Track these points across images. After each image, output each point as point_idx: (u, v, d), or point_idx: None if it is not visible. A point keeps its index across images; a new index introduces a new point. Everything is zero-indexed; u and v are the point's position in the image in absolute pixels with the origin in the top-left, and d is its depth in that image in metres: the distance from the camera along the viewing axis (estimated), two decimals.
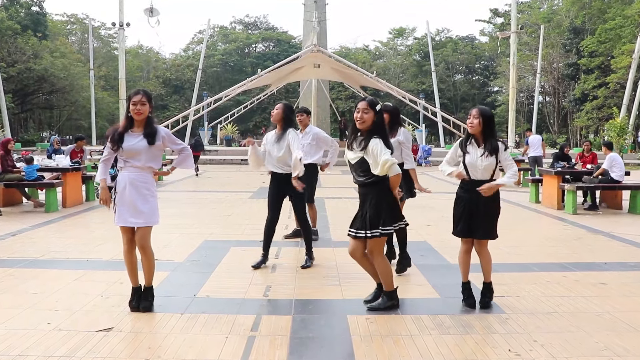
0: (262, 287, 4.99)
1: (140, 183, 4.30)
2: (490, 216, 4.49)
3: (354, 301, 4.58)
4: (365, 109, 4.23)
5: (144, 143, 4.24)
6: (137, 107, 4.19)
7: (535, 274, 5.57)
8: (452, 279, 5.39)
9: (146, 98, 4.23)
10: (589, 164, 11.40)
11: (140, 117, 4.23)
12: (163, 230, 7.94)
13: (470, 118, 4.44)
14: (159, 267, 5.55)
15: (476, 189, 4.39)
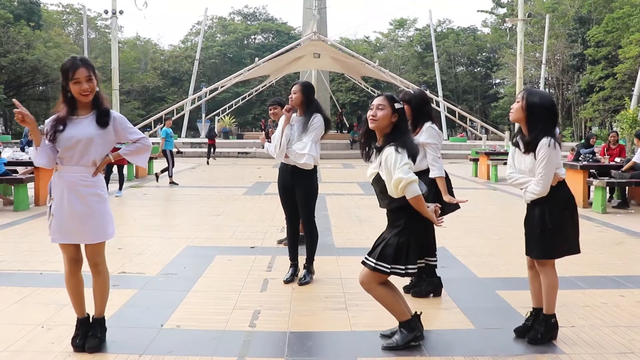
0: (248, 312, 3.97)
1: (86, 186, 3.25)
2: (542, 233, 3.44)
3: (365, 335, 3.56)
4: (381, 105, 3.21)
5: (92, 127, 3.21)
6: (83, 86, 3.14)
7: (584, 292, 4.55)
8: (485, 300, 4.39)
9: (92, 71, 3.18)
10: (617, 157, 10.38)
11: (88, 98, 3.19)
12: (140, 234, 6.99)
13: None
14: (124, 284, 4.58)
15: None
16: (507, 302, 4.29)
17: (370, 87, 43.35)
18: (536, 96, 3.40)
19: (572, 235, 3.50)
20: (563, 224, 3.42)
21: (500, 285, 4.76)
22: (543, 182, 3.33)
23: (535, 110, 3.36)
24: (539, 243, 3.46)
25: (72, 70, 3.12)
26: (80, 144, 3.18)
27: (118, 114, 3.36)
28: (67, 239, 3.30)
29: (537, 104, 3.37)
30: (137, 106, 56.88)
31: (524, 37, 42.51)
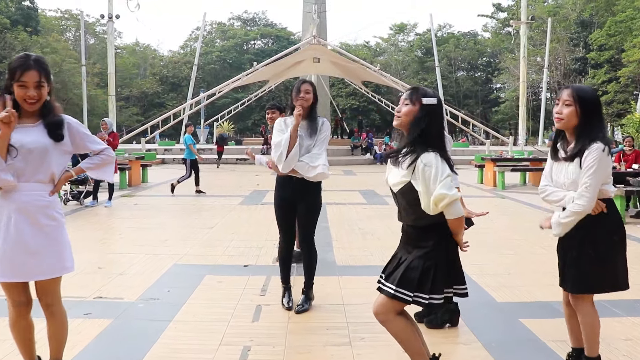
0: (237, 348, 3.42)
1: (38, 208, 2.65)
2: (581, 261, 2.88)
3: None
4: (406, 100, 2.67)
5: (45, 139, 2.66)
6: (31, 92, 2.56)
7: (622, 321, 4.00)
8: (508, 331, 3.84)
9: (45, 76, 2.60)
10: (634, 164, 9.84)
11: (33, 107, 2.62)
12: (125, 250, 6.45)
13: (558, 104, 2.87)
14: (98, 312, 4.04)
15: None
16: (534, 334, 3.74)
17: (371, 92, 42.89)
18: (587, 93, 2.85)
19: (621, 266, 2.93)
20: (609, 252, 2.85)
21: (523, 311, 4.21)
22: (589, 194, 2.72)
23: (590, 111, 2.81)
24: (576, 273, 2.90)
25: (20, 70, 2.54)
26: (31, 155, 2.62)
27: (73, 119, 2.79)
28: (15, 276, 2.62)
29: (592, 103, 2.82)
30: (136, 112, 56.55)
31: (526, 41, 42.15)
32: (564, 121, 2.84)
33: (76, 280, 5.01)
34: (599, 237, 2.83)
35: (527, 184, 15.08)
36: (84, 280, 4.98)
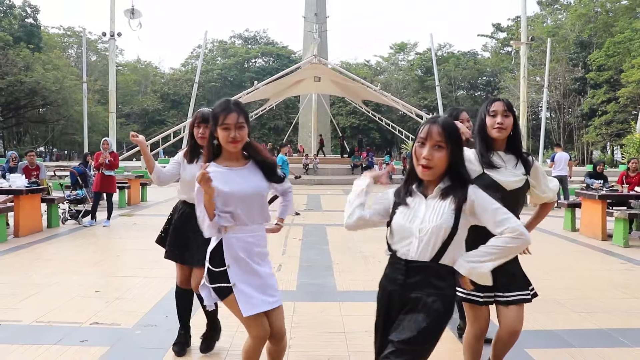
0: None
1: (260, 247, 2.81)
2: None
3: None
4: (506, 112, 2.95)
5: (259, 181, 2.81)
6: (232, 134, 2.66)
7: (630, 351, 3.89)
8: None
9: (244, 117, 2.69)
10: (637, 186, 9.78)
11: (237, 147, 2.71)
12: (123, 272, 6.37)
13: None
14: (94, 339, 3.95)
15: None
16: None
17: (372, 111, 43.00)
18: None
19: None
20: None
21: (529, 340, 4.11)
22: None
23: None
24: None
25: (224, 114, 2.63)
26: (248, 199, 2.69)
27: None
28: (258, 307, 2.65)
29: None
30: (137, 129, 56.65)
31: (526, 60, 42.35)
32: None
33: (73, 303, 4.93)
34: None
35: (528, 205, 14.97)
36: (81, 305, 4.89)
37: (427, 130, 2.16)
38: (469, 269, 2.12)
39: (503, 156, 2.92)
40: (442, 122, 2.17)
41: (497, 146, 2.94)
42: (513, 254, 2.20)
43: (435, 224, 2.10)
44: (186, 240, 3.69)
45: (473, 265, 2.12)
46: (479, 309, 2.92)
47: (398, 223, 2.20)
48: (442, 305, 2.11)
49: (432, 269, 2.11)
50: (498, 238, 2.13)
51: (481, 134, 2.99)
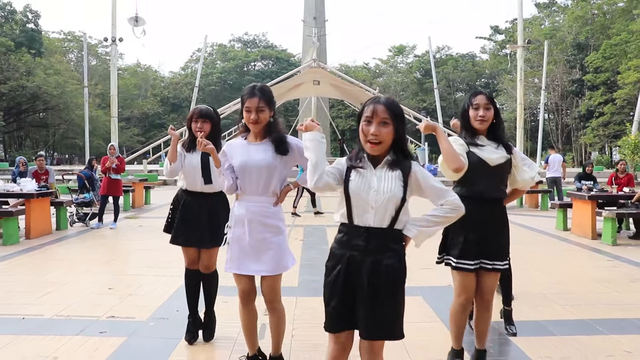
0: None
1: (267, 217, 3.22)
2: None
3: None
4: (488, 105, 3.38)
5: (270, 155, 3.18)
6: (253, 115, 3.12)
7: (607, 338, 4.22)
8: (497, 348, 4.07)
9: (265, 101, 3.13)
10: (625, 187, 10.11)
11: (256, 127, 3.18)
12: (133, 271, 6.70)
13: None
14: (112, 331, 4.28)
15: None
16: (522, 351, 3.97)
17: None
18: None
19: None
20: None
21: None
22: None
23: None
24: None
25: (246, 97, 3.09)
26: (258, 171, 3.12)
27: (293, 138, 3.22)
28: (244, 269, 3.17)
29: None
30: (137, 132, 56.99)
31: (524, 63, 42.74)
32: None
33: (89, 300, 5.27)
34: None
35: (523, 205, 15.31)
36: (97, 300, 5.22)
37: (373, 109, 2.42)
38: (417, 233, 2.47)
39: (485, 141, 3.27)
40: (385, 101, 2.45)
41: (479, 135, 3.30)
42: (451, 222, 2.55)
43: (389, 195, 2.40)
44: (189, 226, 4.05)
45: (420, 229, 2.47)
46: (469, 276, 3.28)
47: (354, 192, 2.45)
48: (399, 262, 2.46)
49: (389, 233, 2.44)
50: (439, 208, 2.49)
51: (465, 125, 3.35)
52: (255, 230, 3.13)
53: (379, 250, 2.44)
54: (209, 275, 4.16)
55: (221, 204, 4.06)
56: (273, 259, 3.13)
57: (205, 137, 3.64)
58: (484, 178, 3.20)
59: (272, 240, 3.13)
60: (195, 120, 3.94)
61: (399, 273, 2.46)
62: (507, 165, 3.27)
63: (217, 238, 3.87)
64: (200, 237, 4.00)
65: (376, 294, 2.41)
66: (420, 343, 4.08)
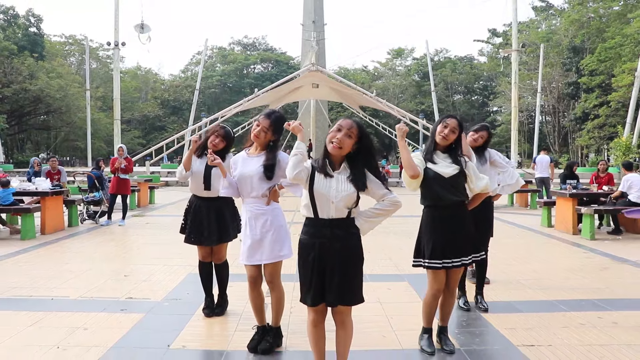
0: (249, 333, 4.22)
1: (261, 214, 3.86)
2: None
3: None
4: (455, 130, 3.94)
5: (258, 169, 3.86)
6: (256, 131, 3.84)
7: (566, 314, 4.83)
8: (471, 323, 4.65)
9: (271, 125, 3.81)
10: (605, 185, 10.71)
11: (257, 141, 3.89)
12: (145, 262, 7.30)
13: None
14: (131, 308, 4.88)
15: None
16: (492, 325, 4.56)
17: (369, 116, 43.93)
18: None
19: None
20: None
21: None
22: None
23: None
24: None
25: (262, 116, 3.81)
26: (249, 179, 3.80)
27: (283, 156, 3.86)
28: (250, 260, 3.81)
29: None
30: (138, 135, 57.48)
31: (520, 65, 43.33)
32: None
33: (108, 285, 5.86)
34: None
35: (514, 204, 15.90)
36: (115, 285, 5.82)
37: (345, 122, 3.11)
38: (362, 223, 3.14)
39: (441, 156, 3.86)
40: (357, 122, 3.14)
41: (438, 148, 3.89)
42: (389, 215, 3.21)
43: (345, 194, 3.05)
44: (199, 227, 4.68)
45: (366, 220, 3.15)
46: (439, 272, 3.86)
47: (318, 191, 3.07)
48: (359, 243, 3.15)
49: (348, 222, 3.10)
50: (381, 203, 3.17)
51: (431, 136, 3.97)
52: (255, 227, 3.78)
53: (342, 236, 3.09)
54: (221, 265, 4.83)
55: (227, 206, 4.71)
56: (271, 249, 3.75)
57: (216, 151, 4.38)
58: (440, 187, 3.81)
59: (268, 235, 3.76)
60: (216, 136, 4.57)
61: (359, 252, 3.15)
62: (460, 176, 3.85)
63: (223, 236, 4.64)
64: (208, 236, 4.67)
65: (345, 270, 3.07)
66: (402, 318, 4.67)
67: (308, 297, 3.13)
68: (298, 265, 3.19)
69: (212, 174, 4.56)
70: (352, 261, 3.10)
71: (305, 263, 3.14)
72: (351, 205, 3.08)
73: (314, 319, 3.18)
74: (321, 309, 3.16)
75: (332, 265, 3.06)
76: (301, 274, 3.18)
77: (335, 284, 3.04)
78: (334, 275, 3.05)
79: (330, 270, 3.06)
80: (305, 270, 3.14)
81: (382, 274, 6.53)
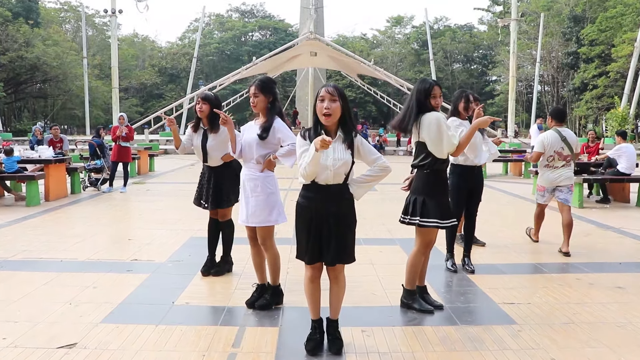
0: (249, 291, 4.52)
1: (254, 179, 4.14)
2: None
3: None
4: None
5: (254, 136, 4.11)
6: (251, 99, 4.08)
7: (546, 276, 5.14)
8: (456, 283, 4.96)
9: (258, 88, 4.04)
10: (594, 155, 10.96)
11: (255, 109, 4.11)
12: (147, 226, 7.57)
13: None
14: (137, 269, 5.17)
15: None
16: (475, 284, 4.86)
17: (367, 85, 43.89)
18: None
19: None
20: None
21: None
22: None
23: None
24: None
25: (250, 85, 4.06)
26: (247, 145, 4.08)
27: (280, 123, 4.03)
28: (243, 221, 4.12)
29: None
30: (135, 103, 57.31)
31: (520, 35, 43.10)
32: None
33: (114, 248, 6.16)
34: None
35: (508, 173, 16.18)
36: (120, 248, 6.12)
37: (325, 91, 3.22)
38: (355, 188, 3.36)
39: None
40: (332, 85, 3.28)
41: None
42: (381, 179, 3.44)
43: (342, 161, 3.24)
44: (201, 192, 5.04)
45: (358, 185, 3.37)
46: (434, 231, 4.21)
47: (320, 165, 3.24)
48: (352, 207, 3.40)
49: (343, 187, 3.32)
50: (372, 169, 3.39)
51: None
52: (249, 190, 4.06)
53: (338, 201, 3.32)
54: (224, 223, 5.11)
55: (227, 174, 4.94)
56: (260, 214, 4.02)
57: (206, 115, 4.76)
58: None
59: (259, 199, 4.01)
60: (197, 102, 4.87)
61: (353, 215, 3.40)
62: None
63: (219, 202, 4.92)
64: (206, 201, 4.99)
65: (341, 232, 3.31)
66: (392, 278, 4.96)
67: (305, 256, 3.37)
68: (296, 227, 3.41)
69: (207, 146, 4.83)
70: (346, 223, 3.35)
71: (302, 225, 3.35)
72: (347, 171, 3.28)
73: (311, 275, 3.43)
74: (318, 266, 3.41)
75: (329, 227, 3.28)
76: (298, 235, 3.40)
77: (332, 245, 3.28)
78: (331, 237, 3.27)
79: (327, 232, 3.28)
80: (302, 231, 3.36)
81: (376, 237, 6.83)
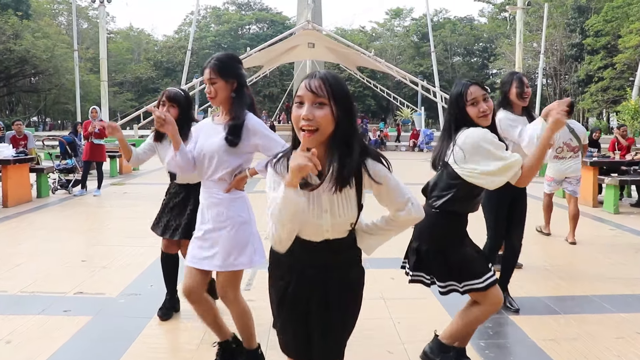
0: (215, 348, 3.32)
1: (213, 205, 2.78)
2: None
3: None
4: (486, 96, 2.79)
5: (220, 142, 2.69)
6: (206, 88, 2.70)
7: (612, 316, 3.91)
8: (495, 325, 3.75)
9: (215, 72, 2.64)
10: (627, 153, 9.75)
11: (213, 102, 2.72)
12: (112, 241, 6.35)
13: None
14: (77, 309, 3.95)
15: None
16: (522, 330, 3.65)
17: (366, 78, 42.67)
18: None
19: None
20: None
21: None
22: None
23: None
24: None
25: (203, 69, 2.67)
26: (205, 157, 2.71)
27: (253, 120, 2.69)
28: (191, 261, 2.88)
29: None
30: (130, 97, 56.12)
31: (522, 26, 41.85)
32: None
33: (59, 273, 4.94)
34: None
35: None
36: (67, 274, 4.89)
37: (305, 88, 1.72)
38: (367, 238, 1.99)
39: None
40: (322, 76, 1.73)
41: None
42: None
43: (343, 220, 1.84)
44: (179, 217, 3.80)
45: (372, 236, 1.99)
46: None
47: (305, 220, 1.82)
48: (360, 270, 2.03)
49: (348, 242, 1.94)
50: (396, 215, 1.93)
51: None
52: (209, 219, 2.73)
53: (340, 263, 1.95)
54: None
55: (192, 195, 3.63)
56: (221, 253, 2.69)
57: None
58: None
59: (226, 233, 2.69)
60: (162, 103, 3.48)
61: (360, 288, 2.03)
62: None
63: (189, 230, 3.48)
64: (176, 227, 3.79)
65: (341, 315, 2.00)
66: (410, 321, 3.76)
67: (289, 343, 2.00)
68: (269, 289, 2.06)
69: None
70: (351, 301, 1.96)
71: (278, 292, 1.97)
72: (354, 220, 1.88)
73: None
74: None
75: (323, 305, 1.90)
76: (274, 306, 2.03)
77: (326, 335, 1.93)
78: (326, 321, 1.92)
79: (316, 313, 1.92)
80: (279, 304, 1.98)
81: (384, 257, 5.58)
